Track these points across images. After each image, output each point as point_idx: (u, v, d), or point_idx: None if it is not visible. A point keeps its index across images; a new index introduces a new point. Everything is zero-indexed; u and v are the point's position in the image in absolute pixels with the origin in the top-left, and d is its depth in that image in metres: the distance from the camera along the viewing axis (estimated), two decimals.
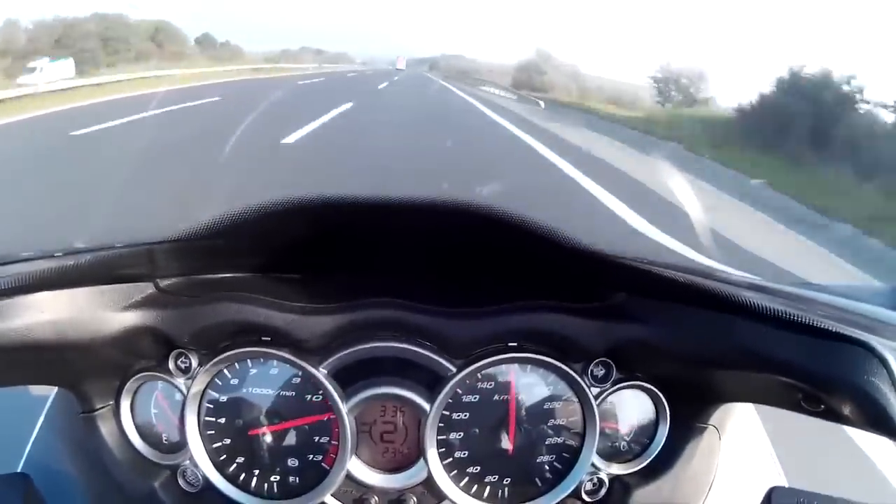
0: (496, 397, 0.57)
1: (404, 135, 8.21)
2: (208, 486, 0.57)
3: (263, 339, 0.55)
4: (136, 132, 7.15)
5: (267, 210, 0.48)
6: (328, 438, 0.57)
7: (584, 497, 0.59)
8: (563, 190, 5.46)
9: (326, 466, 0.57)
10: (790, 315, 0.44)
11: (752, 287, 0.49)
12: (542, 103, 17.27)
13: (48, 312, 0.47)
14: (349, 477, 0.57)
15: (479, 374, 0.56)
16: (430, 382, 0.56)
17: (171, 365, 0.57)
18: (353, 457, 0.57)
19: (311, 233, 0.55)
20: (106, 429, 0.57)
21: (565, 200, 4.98)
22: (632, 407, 0.60)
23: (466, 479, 0.58)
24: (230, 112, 9.41)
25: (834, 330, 0.43)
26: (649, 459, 0.60)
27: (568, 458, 0.58)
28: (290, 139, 6.69)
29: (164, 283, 0.54)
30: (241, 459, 0.57)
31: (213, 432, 0.57)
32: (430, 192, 0.49)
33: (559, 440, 0.58)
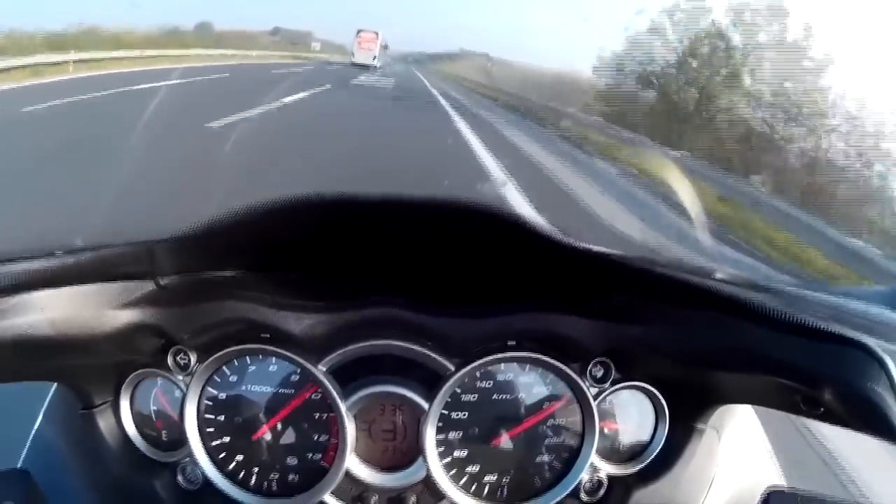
0: (495, 396, 0.57)
1: None
2: (207, 483, 0.57)
3: (263, 336, 0.55)
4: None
5: (267, 208, 0.48)
6: (327, 437, 0.57)
7: (584, 497, 0.59)
8: None
9: (326, 465, 0.57)
10: (789, 316, 0.44)
11: (751, 287, 0.49)
12: None
13: (48, 310, 0.47)
14: (348, 475, 0.57)
15: (477, 373, 0.56)
16: (430, 381, 0.56)
17: (170, 362, 0.57)
18: (353, 455, 0.57)
19: (312, 231, 0.55)
20: (105, 425, 0.57)
21: None
22: (631, 407, 0.60)
23: (465, 477, 0.58)
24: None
25: (833, 331, 0.42)
26: (648, 460, 0.60)
27: (567, 457, 0.58)
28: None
29: (164, 280, 0.54)
30: (240, 457, 0.57)
31: (212, 430, 0.57)
32: (432, 190, 0.49)
33: (558, 440, 0.58)
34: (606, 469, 0.60)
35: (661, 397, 0.59)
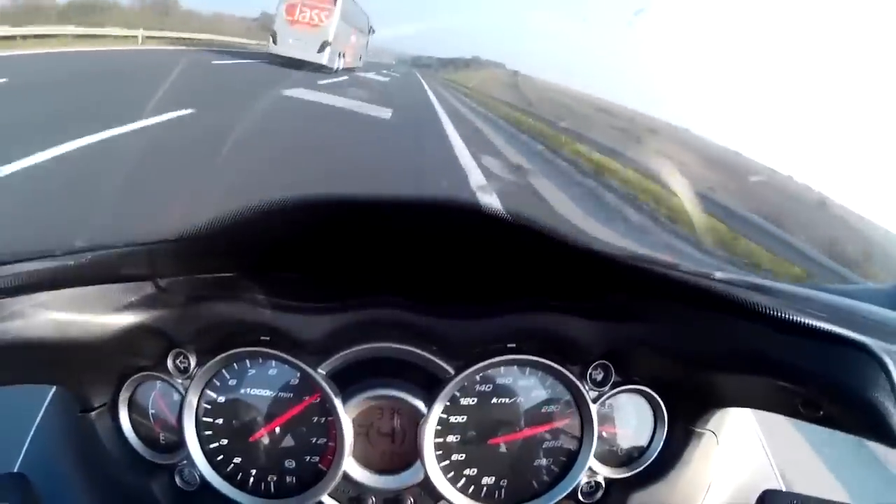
0: (494, 400, 0.57)
1: None
2: (205, 484, 0.57)
3: (262, 339, 0.55)
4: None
5: (267, 209, 0.48)
6: (325, 440, 0.57)
7: (581, 499, 0.59)
8: None
9: (323, 467, 0.57)
10: (789, 316, 0.44)
11: (751, 287, 0.49)
12: None
13: (48, 312, 0.47)
14: (346, 477, 0.57)
15: (477, 377, 0.56)
16: (429, 384, 0.56)
17: (169, 364, 0.56)
18: (350, 458, 0.57)
19: (312, 232, 0.55)
20: (103, 428, 0.57)
21: None
22: (629, 411, 0.60)
23: (463, 480, 0.58)
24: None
25: (832, 332, 0.42)
26: (646, 464, 0.60)
27: (565, 461, 0.58)
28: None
29: (163, 282, 0.54)
30: (238, 459, 0.57)
31: (210, 433, 0.57)
32: (428, 190, 0.49)
33: (556, 444, 0.58)
34: (604, 472, 0.60)
35: (659, 400, 0.59)
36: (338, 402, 0.55)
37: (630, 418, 0.60)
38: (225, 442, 0.57)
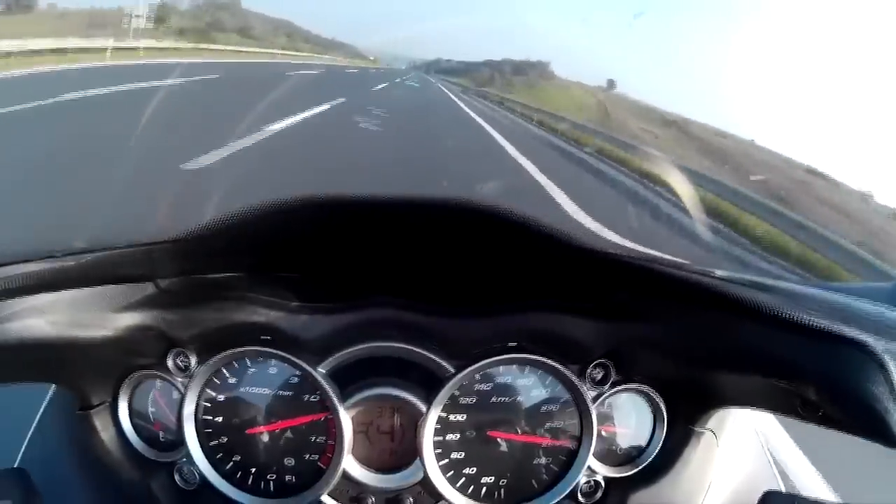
0: (494, 399, 0.57)
1: None
2: (205, 483, 0.57)
3: (262, 338, 0.55)
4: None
5: (266, 209, 0.48)
6: (325, 438, 0.57)
7: (581, 499, 0.59)
8: None
9: (323, 466, 0.57)
10: (789, 314, 0.44)
11: (751, 285, 0.49)
12: None
13: (49, 312, 0.47)
14: (345, 476, 0.57)
15: (477, 375, 0.56)
16: (429, 383, 0.56)
17: (169, 363, 0.57)
18: (350, 456, 0.57)
19: (311, 232, 0.55)
20: (103, 426, 0.57)
21: None
22: (629, 410, 0.60)
23: (463, 479, 0.58)
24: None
25: (832, 330, 0.42)
26: (645, 463, 0.60)
27: (565, 460, 0.58)
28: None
29: (164, 283, 0.54)
30: (237, 457, 0.57)
31: (210, 430, 0.57)
32: (429, 190, 0.49)
33: (556, 443, 0.58)
34: (604, 472, 0.60)
35: (659, 400, 0.59)
36: (337, 401, 0.55)
37: (629, 417, 0.60)
38: (224, 440, 0.57)
